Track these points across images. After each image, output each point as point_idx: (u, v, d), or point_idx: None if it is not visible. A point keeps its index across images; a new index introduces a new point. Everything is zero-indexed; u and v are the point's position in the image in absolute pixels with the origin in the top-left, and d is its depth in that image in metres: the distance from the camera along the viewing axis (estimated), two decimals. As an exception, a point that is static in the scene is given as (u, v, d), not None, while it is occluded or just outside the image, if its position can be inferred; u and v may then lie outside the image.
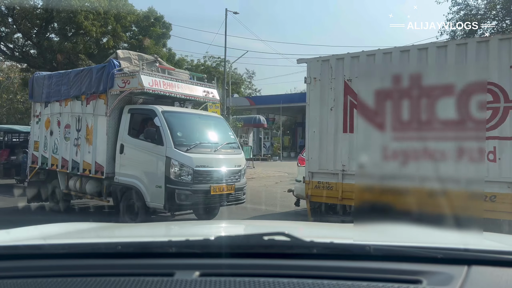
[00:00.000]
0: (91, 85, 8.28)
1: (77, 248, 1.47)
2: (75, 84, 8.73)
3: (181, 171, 6.94)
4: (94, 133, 8.21)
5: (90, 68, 8.87)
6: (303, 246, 1.35)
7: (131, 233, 2.07)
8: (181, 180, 6.93)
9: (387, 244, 1.36)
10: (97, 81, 8.12)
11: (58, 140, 9.16)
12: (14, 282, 1.24)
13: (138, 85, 7.48)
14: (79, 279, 1.23)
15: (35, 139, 9.98)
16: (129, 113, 7.78)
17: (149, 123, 7.53)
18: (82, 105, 8.58)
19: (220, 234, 1.39)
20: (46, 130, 9.62)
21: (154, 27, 21.78)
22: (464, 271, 1.21)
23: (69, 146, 8.76)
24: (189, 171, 6.97)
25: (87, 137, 8.35)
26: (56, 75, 9.64)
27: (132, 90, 7.62)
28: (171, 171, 6.90)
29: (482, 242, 1.56)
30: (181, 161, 6.96)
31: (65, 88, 9.00)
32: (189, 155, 7.04)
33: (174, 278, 1.21)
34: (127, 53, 8.71)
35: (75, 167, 8.54)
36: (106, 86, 7.90)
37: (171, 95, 8.03)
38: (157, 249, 1.42)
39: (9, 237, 1.72)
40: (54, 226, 2.12)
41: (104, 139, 7.90)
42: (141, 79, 7.45)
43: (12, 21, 20.13)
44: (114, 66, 7.98)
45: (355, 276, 1.20)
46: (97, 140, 8.12)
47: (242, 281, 1.17)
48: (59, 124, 9.17)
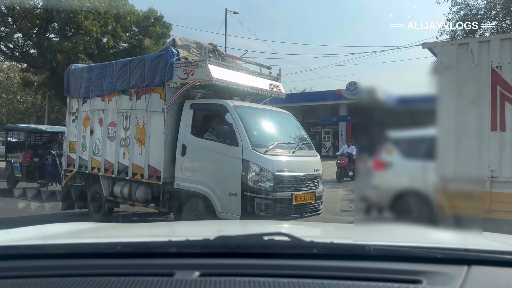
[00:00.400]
0: (143, 77, 7.24)
1: (77, 248, 1.47)
2: (122, 77, 7.70)
3: (261, 177, 5.92)
4: (147, 133, 7.18)
5: (141, 57, 7.67)
6: (303, 246, 1.35)
7: (131, 233, 2.07)
8: (261, 187, 5.89)
9: (387, 244, 1.36)
10: (151, 72, 7.08)
11: (100, 140, 8.13)
12: (14, 282, 1.24)
13: (205, 76, 6.43)
14: (79, 279, 1.23)
15: (71, 139, 8.97)
16: (191, 108, 6.68)
17: (214, 121, 6.58)
18: (131, 100, 7.52)
19: (220, 234, 1.39)
20: (84, 129, 8.59)
21: (154, 27, 21.78)
22: (464, 271, 1.21)
23: (115, 147, 7.75)
24: (269, 176, 5.92)
25: (138, 137, 7.35)
26: (97, 66, 8.60)
27: (195, 82, 6.56)
28: (249, 177, 5.87)
29: (482, 242, 1.56)
30: (261, 165, 5.90)
31: (109, 81, 7.95)
32: (269, 158, 5.98)
33: (174, 278, 1.21)
34: (185, 40, 7.55)
35: (122, 171, 7.57)
36: (164, 78, 6.83)
37: (238, 88, 6.99)
38: (157, 249, 1.42)
39: (9, 237, 1.72)
40: (54, 226, 2.12)
41: (160, 139, 6.86)
42: (208, 69, 6.42)
43: (12, 21, 20.13)
44: (173, 55, 6.91)
45: (355, 276, 1.20)
46: (151, 140, 7.10)
47: (242, 281, 1.17)
48: (101, 122, 8.14)
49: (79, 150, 8.63)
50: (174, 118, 6.85)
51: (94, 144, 8.27)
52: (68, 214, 8.71)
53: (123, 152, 7.61)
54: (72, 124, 9.06)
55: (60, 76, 20.78)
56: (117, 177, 7.68)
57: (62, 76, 21.17)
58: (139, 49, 21.05)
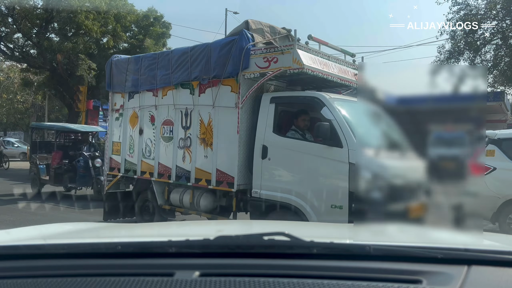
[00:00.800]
0: (209, 68, 6.26)
1: (77, 248, 1.47)
2: (180, 68, 6.69)
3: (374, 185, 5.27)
4: (214, 132, 6.23)
5: (206, 45, 6.51)
6: (303, 246, 1.35)
7: (131, 233, 2.07)
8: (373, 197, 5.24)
9: (387, 244, 1.36)
10: (220, 61, 6.11)
11: (152, 141, 7.19)
12: (14, 282, 1.24)
13: (294, 63, 5.43)
14: (79, 279, 1.23)
15: (115, 139, 7.96)
16: (272, 103, 5.70)
17: (300, 117, 5.69)
18: (193, 95, 6.55)
19: (220, 234, 1.39)
20: (131, 128, 7.62)
21: (153, 27, 21.77)
22: (464, 271, 1.21)
23: (172, 149, 6.82)
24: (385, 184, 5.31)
25: (202, 137, 6.40)
26: (147, 57, 7.58)
27: (280, 71, 5.58)
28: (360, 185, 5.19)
29: (482, 242, 1.56)
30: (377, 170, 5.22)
31: (163, 73, 6.94)
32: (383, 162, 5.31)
33: (174, 278, 1.21)
34: (259, 24, 6.47)
35: (181, 176, 6.65)
36: (238, 67, 5.85)
37: (328, 77, 5.93)
38: (157, 249, 1.42)
39: (9, 237, 1.72)
40: (54, 226, 2.12)
41: (232, 139, 5.93)
42: (298, 54, 5.45)
43: (12, 21, 20.11)
44: (248, 40, 5.92)
45: (355, 276, 1.20)
46: (219, 140, 6.18)
47: (242, 281, 1.17)
48: (153, 120, 7.18)
49: (125, 152, 7.68)
50: (250, 115, 5.91)
51: (144, 145, 7.34)
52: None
53: (182, 155, 6.67)
54: (116, 122, 8.03)
55: (60, 76, 20.90)
56: (175, 183, 6.77)
57: (62, 76, 21.33)
58: (139, 49, 21.06)
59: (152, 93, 7.21)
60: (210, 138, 6.29)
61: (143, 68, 7.35)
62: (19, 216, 8.40)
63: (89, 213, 8.92)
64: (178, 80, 6.73)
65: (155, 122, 7.16)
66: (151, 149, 7.20)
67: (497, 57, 17.01)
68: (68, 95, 21.68)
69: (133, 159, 7.51)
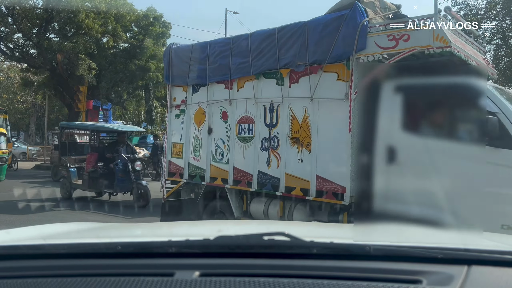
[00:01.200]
0: (305, 51, 5.21)
1: (77, 248, 1.47)
2: (263, 53, 5.69)
3: None
4: (313, 130, 5.21)
5: (300, 24, 5.38)
6: (303, 246, 1.35)
7: (131, 233, 2.07)
8: None
9: (387, 244, 1.36)
10: (324, 42, 5.08)
11: (225, 142, 6.22)
12: (14, 282, 1.24)
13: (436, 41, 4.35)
14: (79, 279, 1.23)
15: (175, 140, 7.05)
16: (399, 92, 4.37)
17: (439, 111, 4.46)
18: (281, 86, 5.52)
19: (220, 234, 1.39)
20: (197, 126, 6.69)
21: (153, 27, 21.77)
22: (464, 271, 1.21)
23: (252, 151, 5.86)
24: None
25: (295, 136, 5.41)
26: (218, 42, 6.53)
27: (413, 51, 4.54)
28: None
29: (482, 242, 1.57)
30: None
31: (239, 61, 5.95)
32: None
33: (174, 278, 1.21)
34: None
35: (266, 183, 5.65)
36: (351, 49, 4.81)
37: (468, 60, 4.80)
38: (157, 249, 1.42)
39: (9, 237, 1.72)
40: (54, 226, 2.12)
41: (342, 138, 4.92)
42: (442, 31, 4.37)
43: (12, 21, 20.12)
44: (363, 15, 4.87)
45: (355, 276, 1.20)
46: (321, 140, 5.15)
47: (242, 281, 1.17)
48: (226, 117, 6.21)
49: (188, 155, 6.76)
50: (365, 108, 4.73)
51: (214, 147, 6.38)
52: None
53: (266, 158, 5.67)
54: (175, 121, 7.06)
55: (60, 76, 20.91)
56: (258, 191, 5.76)
57: (62, 76, 21.34)
58: (139, 49, 21.08)
59: (224, 85, 6.24)
60: (306, 137, 5.26)
61: (212, 56, 6.36)
62: (19, 216, 8.40)
63: (90, 213, 8.92)
64: (261, 68, 5.72)
65: (228, 120, 6.21)
66: (223, 151, 6.26)
67: (497, 57, 17.01)
68: (68, 95, 21.70)
69: (200, 163, 6.58)
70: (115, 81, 21.94)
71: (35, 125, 33.78)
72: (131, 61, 21.15)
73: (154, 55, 21.43)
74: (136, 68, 21.07)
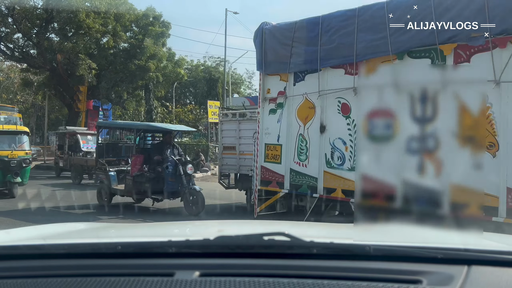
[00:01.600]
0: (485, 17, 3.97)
1: (77, 248, 1.47)
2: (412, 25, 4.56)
3: None
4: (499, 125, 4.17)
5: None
6: (303, 246, 1.35)
7: (131, 233, 2.07)
8: None
9: (387, 244, 1.36)
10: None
11: (346, 142, 5.21)
12: (14, 282, 1.24)
13: None
14: (79, 279, 1.23)
15: (269, 141, 6.03)
16: None
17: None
18: (441, 66, 4.30)
19: (220, 234, 1.39)
20: (301, 123, 5.67)
21: (153, 26, 21.77)
22: (464, 271, 1.21)
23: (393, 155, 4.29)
24: None
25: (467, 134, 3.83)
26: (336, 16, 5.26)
27: None
28: None
29: (482, 242, 1.56)
30: None
31: (370, 38, 4.90)
32: None
33: (174, 278, 1.21)
34: None
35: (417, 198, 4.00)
36: None
37: None
38: (157, 249, 1.42)
39: (9, 237, 1.72)
40: (54, 226, 2.12)
41: None
42: None
43: (12, 21, 20.13)
44: None
45: (355, 276, 1.20)
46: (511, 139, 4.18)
47: (242, 281, 1.17)
48: (347, 111, 5.19)
49: (290, 159, 5.75)
50: None
51: (330, 149, 5.35)
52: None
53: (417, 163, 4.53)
54: (270, 117, 6.05)
55: (60, 76, 20.93)
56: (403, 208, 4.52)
57: (62, 76, 21.34)
58: (139, 49, 21.08)
59: (345, 70, 5.20)
60: (488, 136, 4.17)
61: (327, 33, 5.27)
62: (18, 216, 8.40)
63: (90, 213, 8.93)
64: (407, 45, 4.63)
65: (350, 114, 5.18)
66: (343, 154, 5.22)
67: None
68: (68, 95, 21.72)
69: (308, 169, 5.55)
70: (115, 81, 21.96)
71: (35, 125, 33.78)
72: (131, 61, 21.16)
73: (154, 55, 21.44)
74: (136, 68, 21.07)
